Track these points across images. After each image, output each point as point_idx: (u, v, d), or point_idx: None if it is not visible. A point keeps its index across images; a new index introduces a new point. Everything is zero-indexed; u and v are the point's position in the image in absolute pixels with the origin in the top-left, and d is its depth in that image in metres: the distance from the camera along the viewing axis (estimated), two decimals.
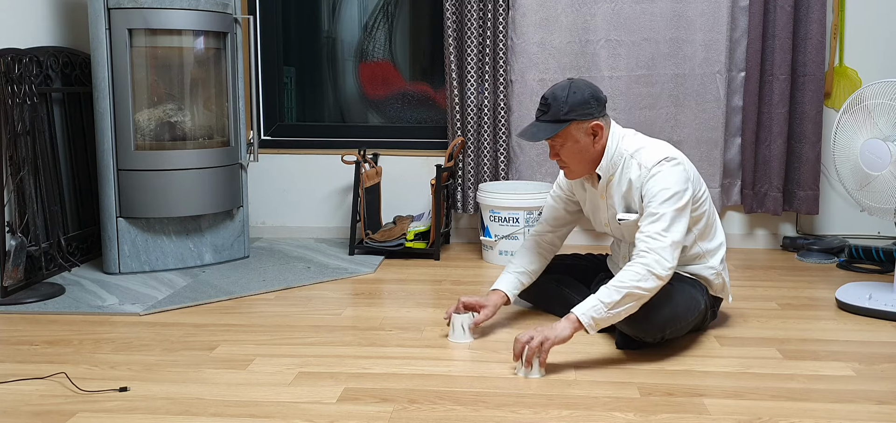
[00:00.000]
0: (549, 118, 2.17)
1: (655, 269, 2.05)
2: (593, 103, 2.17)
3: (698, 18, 3.40)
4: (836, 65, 3.50)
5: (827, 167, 3.53)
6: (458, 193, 3.68)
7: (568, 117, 2.15)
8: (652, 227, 2.10)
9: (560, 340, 2.02)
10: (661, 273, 2.06)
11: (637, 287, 2.04)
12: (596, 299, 2.05)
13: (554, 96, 2.17)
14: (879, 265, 3.18)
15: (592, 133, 2.19)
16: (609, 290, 2.05)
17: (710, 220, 2.31)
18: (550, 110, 2.17)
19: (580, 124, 2.17)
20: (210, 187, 3.19)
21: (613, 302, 2.03)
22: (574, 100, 2.15)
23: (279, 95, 3.93)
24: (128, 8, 2.98)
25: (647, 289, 2.05)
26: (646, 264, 2.06)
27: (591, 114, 2.17)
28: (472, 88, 3.56)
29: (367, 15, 3.93)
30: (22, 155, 2.87)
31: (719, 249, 2.34)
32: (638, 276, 2.05)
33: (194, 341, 2.31)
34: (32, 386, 1.97)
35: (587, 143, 2.20)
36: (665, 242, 2.08)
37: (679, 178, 2.14)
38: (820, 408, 1.82)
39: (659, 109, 3.48)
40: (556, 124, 2.16)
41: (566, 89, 2.17)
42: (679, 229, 2.11)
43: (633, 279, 2.05)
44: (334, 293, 2.86)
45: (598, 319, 2.04)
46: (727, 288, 2.38)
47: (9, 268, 2.73)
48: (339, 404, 1.85)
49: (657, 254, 2.06)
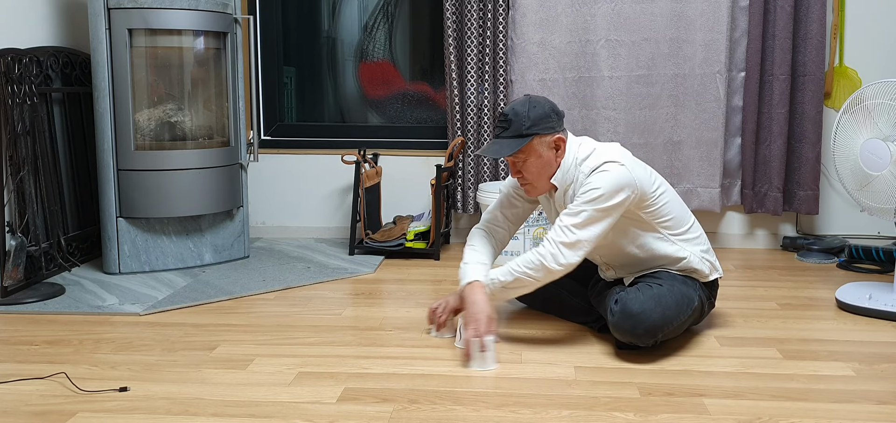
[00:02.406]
0: (511, 134, 2.17)
1: (549, 263, 2.13)
2: (554, 117, 2.19)
3: (698, 18, 3.40)
4: (836, 65, 3.50)
5: (827, 167, 3.53)
6: (458, 193, 3.68)
7: (531, 132, 2.16)
8: (566, 218, 2.13)
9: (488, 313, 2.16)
10: (553, 268, 2.13)
11: (527, 274, 2.17)
12: (495, 275, 2.21)
13: (514, 112, 2.17)
14: (879, 265, 3.18)
15: (555, 146, 2.20)
16: (506, 270, 2.20)
17: (675, 210, 2.27)
18: (512, 126, 2.17)
19: (542, 138, 2.18)
20: (210, 187, 3.19)
21: (506, 283, 2.20)
22: (535, 114, 2.16)
23: (279, 95, 3.93)
24: (128, 8, 2.98)
25: (536, 278, 2.16)
26: (541, 255, 2.14)
27: (552, 128, 2.18)
28: (472, 88, 3.56)
29: (367, 15, 3.93)
30: (22, 155, 2.87)
31: (693, 232, 2.31)
32: (531, 265, 2.16)
33: (194, 341, 2.31)
34: (32, 386, 1.97)
35: (549, 157, 2.20)
36: (571, 237, 2.11)
37: (613, 180, 2.11)
38: (820, 408, 1.82)
39: (659, 109, 3.48)
40: (519, 139, 2.16)
41: (526, 105, 2.18)
42: (594, 231, 2.11)
43: (526, 266, 2.16)
44: (334, 293, 2.86)
45: (495, 292, 2.22)
46: (716, 265, 2.35)
47: (9, 268, 2.73)
48: (339, 404, 1.85)
49: (557, 248, 2.12)
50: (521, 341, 2.29)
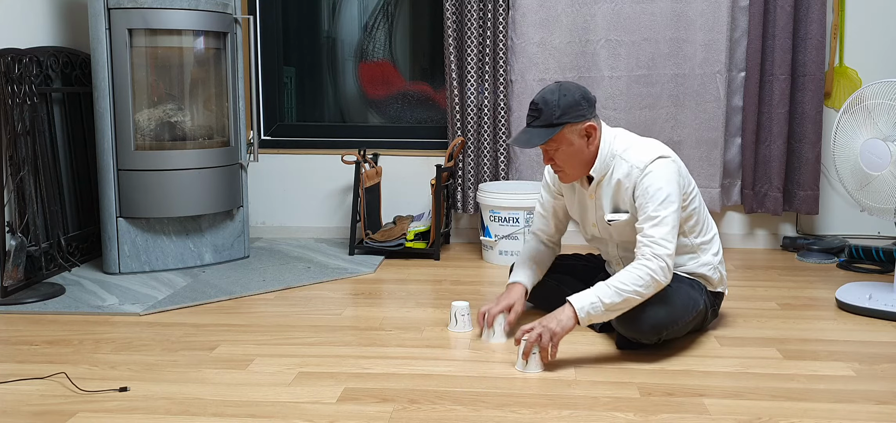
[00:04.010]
0: (542, 123, 2.15)
1: (659, 276, 2.07)
2: (584, 105, 2.16)
3: (698, 18, 3.40)
4: (836, 65, 3.50)
5: (827, 167, 3.53)
6: (458, 193, 3.68)
7: (561, 121, 2.13)
8: (656, 231, 2.09)
9: (566, 331, 2.05)
10: (663, 281, 2.08)
11: (638, 292, 2.06)
12: (596, 296, 2.06)
13: (545, 101, 2.14)
14: (879, 265, 3.18)
15: (586, 134, 2.18)
16: (610, 290, 2.06)
17: (701, 215, 2.29)
18: (542, 115, 2.14)
19: (573, 126, 2.16)
20: (210, 187, 3.19)
21: (613, 304, 2.06)
22: (565, 102, 2.13)
23: (279, 95, 3.93)
24: (128, 8, 2.98)
25: (645, 296, 2.08)
26: (651, 271, 2.06)
27: (583, 115, 2.16)
28: (472, 88, 3.56)
29: (367, 15, 3.93)
30: (22, 155, 2.87)
31: (714, 242, 2.33)
32: (642, 281, 2.06)
33: (194, 341, 2.31)
34: (32, 386, 1.97)
35: (581, 145, 2.18)
36: (670, 248, 2.09)
37: (673, 176, 2.14)
38: (820, 408, 1.82)
39: (659, 109, 3.48)
40: (550, 129, 2.14)
41: (556, 93, 2.14)
42: (676, 234, 2.12)
43: (636, 284, 2.06)
44: (334, 293, 2.86)
45: (593, 315, 2.07)
46: (724, 280, 2.38)
47: (9, 268, 2.73)
48: (339, 404, 1.85)
49: (663, 261, 2.07)
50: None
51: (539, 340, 2.03)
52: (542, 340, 2.03)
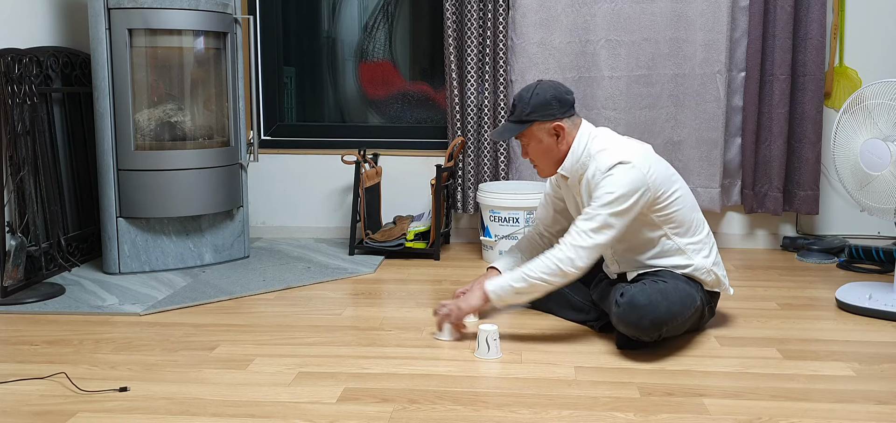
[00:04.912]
0: (515, 119, 2.29)
1: (566, 267, 2.16)
2: (555, 105, 2.26)
3: (698, 18, 3.40)
4: (836, 65, 3.50)
5: (827, 167, 3.53)
6: (458, 193, 3.68)
7: (530, 118, 2.26)
8: (582, 223, 2.17)
9: (471, 309, 2.26)
10: (570, 271, 2.17)
11: (543, 279, 2.19)
12: (506, 281, 2.24)
13: (520, 97, 2.29)
14: (879, 265, 3.18)
15: (555, 133, 2.28)
16: (519, 275, 2.21)
17: (685, 217, 2.27)
18: (516, 111, 2.29)
19: (541, 125, 2.27)
20: (210, 187, 3.19)
21: (520, 288, 2.22)
22: (536, 101, 2.25)
23: (279, 95, 3.93)
24: (128, 8, 2.98)
25: (551, 283, 2.19)
26: (559, 261, 2.17)
27: (552, 115, 2.26)
28: (472, 88, 3.57)
29: (367, 15, 3.93)
30: (22, 155, 2.87)
31: (705, 244, 2.31)
32: (548, 269, 2.18)
33: (194, 341, 2.31)
34: (32, 386, 1.97)
35: (550, 143, 2.29)
36: (587, 242, 2.15)
37: (627, 182, 2.14)
38: (820, 408, 1.82)
39: (659, 109, 3.48)
40: (519, 125, 2.28)
41: (531, 90, 2.27)
42: (608, 235, 2.16)
43: (542, 271, 2.18)
44: (334, 293, 2.86)
45: (504, 297, 2.26)
46: (724, 282, 2.37)
47: (9, 268, 2.73)
48: (339, 404, 1.85)
49: (574, 252, 2.15)
50: (521, 341, 2.29)
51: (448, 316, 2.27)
52: (451, 317, 2.27)
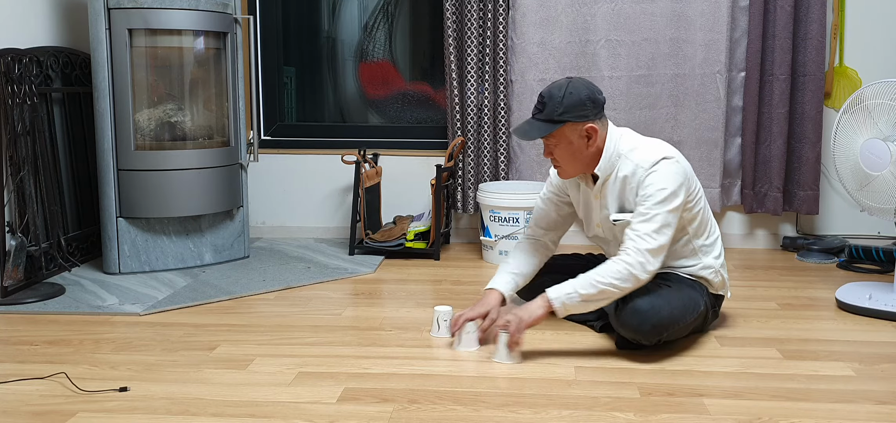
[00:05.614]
0: (544, 117, 2.15)
1: (637, 272, 2.08)
2: (589, 105, 2.15)
3: (698, 18, 3.40)
4: (836, 65, 3.50)
5: (827, 167, 3.53)
6: (458, 193, 3.68)
7: (562, 118, 2.13)
8: (643, 226, 2.10)
9: (534, 320, 2.11)
10: (642, 277, 2.09)
11: (614, 285, 2.09)
12: (573, 288, 2.11)
13: (550, 95, 2.15)
14: (879, 265, 3.18)
15: (586, 135, 2.17)
16: (587, 282, 2.10)
17: (705, 217, 2.29)
18: (546, 109, 2.15)
19: (574, 126, 2.15)
20: (210, 187, 3.19)
21: (589, 296, 2.10)
22: (569, 101, 2.13)
23: (279, 95, 3.93)
24: (128, 8, 2.98)
25: (623, 289, 2.09)
26: (629, 266, 2.08)
27: (585, 116, 2.15)
28: (472, 88, 3.56)
29: (367, 15, 3.93)
30: (22, 155, 2.87)
31: (716, 245, 2.33)
32: (619, 275, 2.08)
33: (194, 341, 2.31)
34: (32, 386, 1.97)
35: (581, 145, 2.18)
36: (653, 244, 2.09)
37: (676, 177, 2.13)
38: (820, 408, 1.82)
39: (659, 109, 3.48)
40: (550, 124, 2.14)
41: (563, 89, 2.14)
42: (668, 233, 2.11)
43: (613, 277, 2.08)
44: (334, 293, 2.86)
45: (569, 305, 2.12)
46: (727, 285, 2.38)
47: (9, 268, 2.73)
48: (339, 404, 1.85)
49: (643, 257, 2.08)
50: None
51: (507, 326, 2.09)
52: (510, 326, 2.08)
